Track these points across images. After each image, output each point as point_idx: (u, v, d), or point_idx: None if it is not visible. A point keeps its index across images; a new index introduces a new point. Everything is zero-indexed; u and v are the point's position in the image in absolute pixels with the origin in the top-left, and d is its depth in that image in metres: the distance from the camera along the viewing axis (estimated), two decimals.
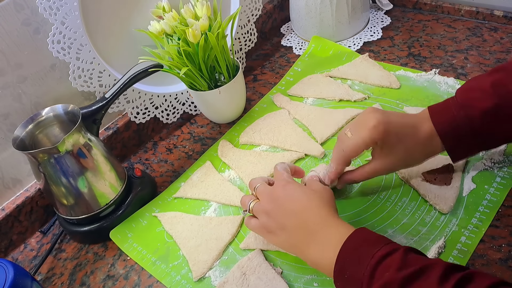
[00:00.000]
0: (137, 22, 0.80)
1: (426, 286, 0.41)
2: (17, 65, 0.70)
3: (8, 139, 0.71)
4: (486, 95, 0.54)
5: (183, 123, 0.91)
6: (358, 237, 0.49)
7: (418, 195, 0.65)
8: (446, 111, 0.56)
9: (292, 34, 1.07)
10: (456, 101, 0.56)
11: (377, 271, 0.44)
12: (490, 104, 0.54)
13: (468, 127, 0.55)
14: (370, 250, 0.46)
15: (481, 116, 0.54)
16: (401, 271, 0.43)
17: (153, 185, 0.78)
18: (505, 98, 0.53)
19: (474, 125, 0.55)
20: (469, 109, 0.55)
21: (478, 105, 0.54)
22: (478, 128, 0.55)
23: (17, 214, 0.74)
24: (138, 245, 0.69)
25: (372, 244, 0.47)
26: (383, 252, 0.45)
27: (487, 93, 0.54)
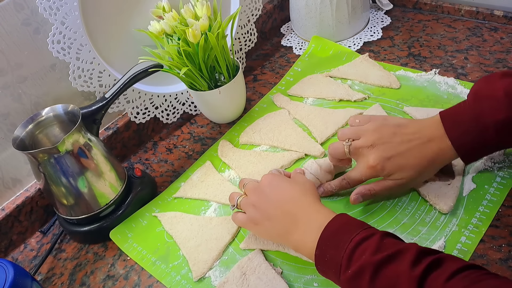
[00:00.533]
0: (137, 22, 0.80)
1: (399, 269, 0.43)
2: (17, 65, 0.70)
3: (8, 139, 0.71)
4: (500, 105, 0.53)
5: (183, 123, 0.91)
6: (339, 222, 0.51)
7: (418, 195, 0.65)
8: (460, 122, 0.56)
9: (292, 34, 1.07)
10: (469, 111, 0.56)
11: (354, 254, 0.47)
12: (503, 116, 0.53)
13: (481, 138, 0.55)
14: (348, 235, 0.48)
15: (495, 128, 0.54)
16: (375, 255, 0.45)
17: (153, 185, 0.78)
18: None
19: (487, 136, 0.55)
20: (482, 121, 0.54)
21: (492, 117, 0.54)
22: (492, 138, 0.55)
23: (17, 214, 0.74)
24: (138, 245, 0.69)
25: (351, 229, 0.49)
26: (360, 236, 0.47)
27: (501, 102, 0.53)
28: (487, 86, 0.56)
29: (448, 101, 0.77)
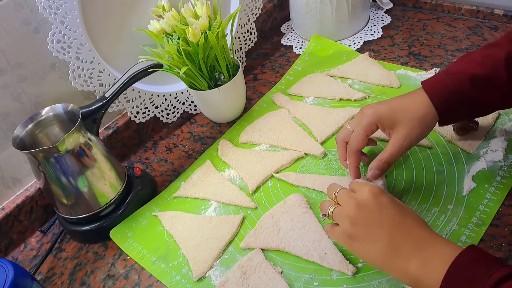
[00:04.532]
0: (137, 21, 0.80)
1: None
2: (17, 64, 0.70)
3: (8, 138, 0.71)
4: (476, 64, 0.58)
5: (183, 122, 0.91)
6: (472, 255, 0.46)
7: (418, 195, 0.65)
8: (437, 79, 0.60)
9: (292, 33, 1.07)
10: (447, 70, 0.60)
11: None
12: (479, 72, 0.57)
13: (457, 91, 0.58)
14: (486, 270, 0.43)
15: (470, 82, 0.57)
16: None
17: (153, 184, 0.78)
18: (494, 67, 0.57)
19: (464, 90, 0.58)
20: (459, 75, 0.58)
21: (468, 72, 0.58)
22: (467, 93, 0.58)
23: (17, 214, 0.74)
24: (138, 245, 0.69)
25: (488, 264, 0.44)
26: (503, 273, 0.42)
27: (477, 62, 0.58)
28: (468, 55, 0.61)
29: None
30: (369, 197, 0.52)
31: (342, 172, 0.71)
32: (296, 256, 0.61)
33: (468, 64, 0.58)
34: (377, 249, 0.50)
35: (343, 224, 0.53)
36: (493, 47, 0.59)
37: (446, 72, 0.60)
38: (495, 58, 0.57)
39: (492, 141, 0.68)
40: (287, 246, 0.62)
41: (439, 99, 0.58)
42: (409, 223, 0.50)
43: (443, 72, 0.60)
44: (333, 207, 0.55)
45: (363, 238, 0.51)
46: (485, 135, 0.69)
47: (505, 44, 0.57)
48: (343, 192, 0.55)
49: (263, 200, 0.71)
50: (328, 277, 0.58)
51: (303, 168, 0.74)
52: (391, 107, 0.61)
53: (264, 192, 0.72)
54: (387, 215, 0.51)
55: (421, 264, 0.47)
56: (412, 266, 0.47)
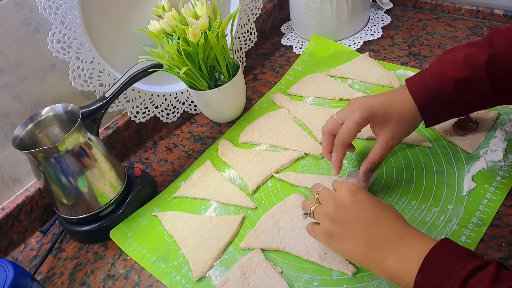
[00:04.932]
0: (137, 21, 0.80)
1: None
2: (17, 64, 0.70)
3: (8, 138, 0.71)
4: (458, 66, 0.58)
5: (183, 122, 0.91)
6: (445, 248, 0.47)
7: (418, 195, 0.65)
8: (421, 80, 0.61)
9: (292, 33, 1.07)
10: (431, 72, 0.61)
11: (467, 283, 0.42)
12: (461, 75, 0.58)
13: (441, 95, 0.59)
14: (458, 262, 0.44)
15: (454, 85, 0.58)
16: (495, 286, 0.41)
17: (153, 184, 0.78)
18: (475, 70, 0.58)
19: (447, 93, 0.59)
20: (442, 78, 0.59)
21: (451, 75, 0.58)
22: (450, 95, 0.59)
23: (17, 214, 0.74)
24: (138, 245, 0.69)
25: (461, 256, 0.45)
26: (474, 265, 0.43)
27: (460, 64, 0.58)
28: (449, 54, 0.61)
29: None
30: (347, 196, 0.54)
31: (342, 172, 0.71)
32: (296, 256, 0.61)
33: (450, 66, 0.59)
34: (356, 246, 0.52)
35: (323, 223, 0.55)
36: (475, 46, 0.59)
37: (429, 73, 0.60)
38: (477, 60, 0.58)
39: (492, 141, 0.68)
40: (287, 246, 0.62)
41: (424, 102, 0.60)
42: (385, 219, 0.52)
43: (427, 72, 0.61)
44: (314, 206, 0.57)
45: (342, 236, 0.53)
46: (485, 135, 0.69)
47: (486, 45, 0.58)
48: (324, 191, 0.57)
49: (263, 200, 0.71)
50: (328, 277, 0.58)
51: (303, 168, 0.74)
52: (383, 105, 0.61)
53: (264, 192, 0.72)
54: (364, 212, 0.53)
55: (397, 259, 0.49)
56: (388, 262, 0.49)
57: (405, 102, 0.61)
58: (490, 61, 0.57)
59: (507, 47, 0.57)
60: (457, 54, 0.60)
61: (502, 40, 0.58)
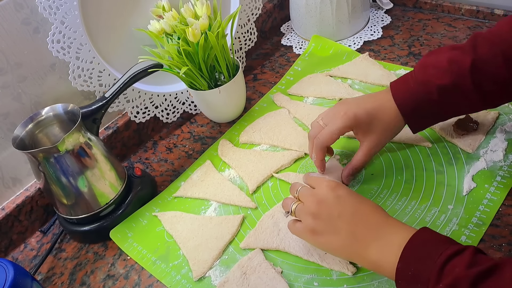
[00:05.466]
0: (137, 22, 0.80)
1: (500, 283, 0.41)
2: (17, 64, 0.70)
3: (8, 138, 0.71)
4: (442, 72, 0.58)
5: (183, 122, 0.91)
6: (424, 236, 0.49)
7: (418, 195, 0.65)
8: (406, 87, 0.61)
9: (292, 33, 1.07)
10: (415, 78, 0.61)
11: (445, 268, 0.44)
12: (445, 82, 0.58)
13: (426, 102, 0.60)
14: (437, 248, 0.46)
15: (438, 92, 0.59)
16: (471, 268, 0.43)
17: (153, 184, 0.78)
18: (459, 76, 0.58)
19: (432, 100, 0.59)
20: (427, 85, 0.59)
21: (436, 82, 0.59)
22: (435, 102, 0.59)
23: (17, 214, 0.74)
24: (138, 245, 0.69)
25: (439, 243, 0.47)
26: (451, 250, 0.45)
27: (443, 70, 0.58)
28: (432, 57, 0.61)
29: None
30: (328, 192, 0.55)
31: None
32: (296, 256, 0.61)
33: (434, 72, 0.59)
34: (340, 240, 0.53)
35: (305, 220, 0.56)
36: (458, 50, 0.59)
37: (413, 79, 0.61)
38: (461, 66, 0.58)
39: (492, 141, 0.68)
40: (287, 246, 0.62)
41: (409, 110, 0.61)
42: (366, 212, 0.53)
43: (411, 78, 0.61)
44: (296, 204, 0.58)
45: (325, 231, 0.54)
46: (485, 135, 0.69)
47: (470, 50, 0.58)
48: (304, 189, 0.58)
49: (263, 200, 0.71)
50: (328, 277, 0.58)
51: (303, 168, 0.74)
52: (368, 114, 0.62)
53: (264, 192, 0.72)
54: (345, 206, 0.54)
55: (379, 250, 0.50)
56: (371, 252, 0.51)
57: (390, 110, 0.62)
58: (474, 67, 0.57)
59: (490, 53, 0.57)
60: (441, 58, 0.59)
61: (486, 45, 0.58)
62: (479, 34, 0.59)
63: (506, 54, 0.56)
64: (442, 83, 0.58)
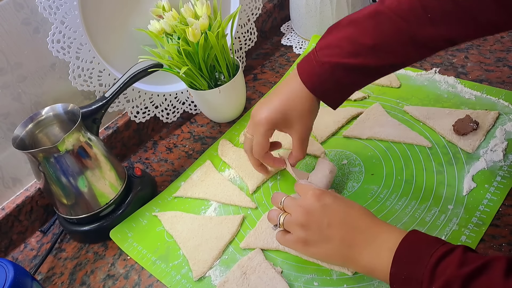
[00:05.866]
0: (137, 21, 0.80)
1: (491, 280, 0.42)
2: (17, 64, 0.70)
3: (8, 138, 0.71)
4: (344, 52, 0.58)
5: (183, 122, 0.91)
6: (413, 239, 0.49)
7: (418, 195, 0.65)
8: (312, 70, 0.61)
9: (292, 33, 1.07)
10: (319, 58, 0.60)
11: (437, 269, 0.44)
12: (349, 61, 0.58)
13: (334, 81, 0.60)
14: (428, 250, 0.46)
15: (343, 70, 0.59)
16: (462, 268, 0.43)
17: (153, 184, 0.78)
18: (361, 55, 0.57)
19: (339, 78, 0.59)
20: (331, 65, 0.59)
21: (339, 61, 0.58)
22: (343, 79, 0.59)
23: (17, 214, 0.74)
24: (138, 245, 0.69)
25: (429, 244, 0.47)
26: (441, 251, 0.45)
27: (345, 50, 0.58)
28: (331, 36, 0.60)
29: (448, 100, 0.77)
30: (313, 201, 0.55)
31: (342, 172, 0.71)
32: (296, 256, 0.61)
33: (337, 52, 0.59)
34: (332, 248, 0.53)
35: (296, 232, 0.56)
36: (353, 25, 0.58)
37: (318, 60, 0.60)
38: (363, 46, 0.57)
39: (492, 141, 0.68)
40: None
41: (319, 90, 0.61)
42: (355, 217, 0.54)
43: (315, 59, 0.60)
44: (283, 216, 0.57)
45: (317, 241, 0.54)
46: (485, 135, 0.69)
47: (371, 31, 0.57)
48: (289, 200, 0.58)
49: (263, 200, 0.71)
50: (328, 277, 0.58)
51: (303, 168, 0.74)
52: (280, 112, 0.63)
53: (264, 192, 0.72)
54: (333, 214, 0.54)
55: (372, 255, 0.51)
56: (364, 258, 0.51)
57: (300, 97, 0.62)
58: (377, 46, 0.57)
59: (392, 30, 0.56)
60: (342, 34, 0.59)
61: (386, 24, 0.56)
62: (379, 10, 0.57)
63: (410, 34, 0.55)
64: (345, 61, 0.58)
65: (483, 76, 0.80)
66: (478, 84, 0.78)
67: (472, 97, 0.76)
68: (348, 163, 0.72)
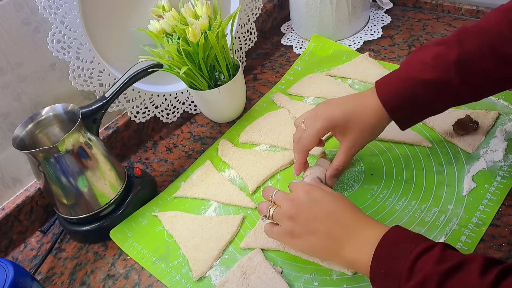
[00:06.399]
0: (137, 21, 0.80)
1: (467, 278, 0.42)
2: (17, 64, 0.70)
3: (8, 138, 0.71)
4: (427, 67, 0.58)
5: (183, 122, 0.91)
6: (395, 234, 0.50)
7: (418, 194, 0.65)
8: (390, 84, 0.61)
9: (292, 33, 1.07)
10: (400, 74, 0.60)
11: (416, 265, 0.45)
12: (430, 76, 0.57)
13: (411, 97, 0.59)
14: (408, 246, 0.47)
15: (423, 87, 0.58)
16: (440, 265, 0.44)
17: (153, 184, 0.78)
18: (445, 71, 0.57)
19: (416, 95, 0.59)
20: (411, 80, 0.59)
21: (420, 77, 0.58)
22: (420, 97, 0.59)
23: (17, 214, 0.74)
24: (138, 245, 0.69)
25: (409, 241, 0.48)
26: (421, 247, 0.46)
27: (428, 65, 0.58)
28: (417, 54, 0.60)
29: None
30: (303, 195, 0.56)
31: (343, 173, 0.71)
32: (296, 256, 0.61)
33: (420, 68, 0.58)
34: (317, 241, 0.55)
35: (284, 224, 0.57)
36: (443, 45, 0.58)
37: (398, 76, 0.60)
38: (446, 61, 0.57)
39: (492, 141, 0.68)
40: (287, 246, 0.62)
41: (394, 107, 0.60)
42: (341, 212, 0.55)
43: (396, 75, 0.61)
44: (273, 208, 0.58)
45: (303, 234, 0.55)
46: (485, 135, 0.69)
47: (455, 44, 0.57)
48: (280, 194, 0.59)
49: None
50: (328, 277, 0.58)
51: None
52: (344, 114, 0.62)
53: None
54: (320, 208, 0.55)
55: (354, 249, 0.52)
56: (347, 251, 0.52)
57: (371, 109, 0.62)
58: (459, 61, 0.56)
59: (476, 46, 0.56)
60: (426, 53, 0.59)
61: (471, 38, 0.57)
62: (465, 28, 0.59)
63: (493, 47, 0.56)
64: (427, 77, 0.58)
65: None
66: None
67: None
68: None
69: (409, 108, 0.60)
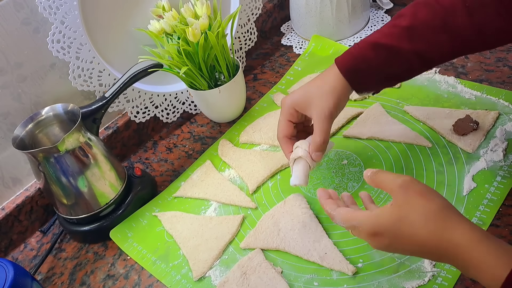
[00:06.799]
0: (137, 21, 0.80)
1: None
2: (17, 64, 0.70)
3: (8, 138, 0.71)
4: (381, 34, 0.60)
5: (183, 122, 0.91)
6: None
7: None
8: (347, 51, 0.62)
9: (292, 33, 1.07)
10: (357, 43, 0.62)
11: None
12: (382, 40, 0.59)
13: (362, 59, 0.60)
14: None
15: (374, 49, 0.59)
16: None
17: (153, 184, 0.78)
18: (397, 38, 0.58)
19: (368, 58, 0.60)
20: (364, 44, 0.61)
21: (371, 40, 0.60)
22: (372, 60, 0.60)
23: (17, 214, 0.74)
24: (138, 245, 0.69)
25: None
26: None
27: (383, 32, 0.60)
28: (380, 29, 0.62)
29: (448, 100, 0.77)
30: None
31: (342, 172, 0.71)
32: (296, 256, 0.61)
33: (375, 35, 0.61)
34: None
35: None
36: (400, 18, 0.60)
37: (356, 44, 0.62)
38: (399, 27, 0.59)
39: (492, 141, 0.68)
40: (287, 246, 0.62)
41: (347, 68, 0.61)
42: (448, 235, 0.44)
43: (354, 45, 0.63)
44: None
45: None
46: (485, 135, 0.69)
47: (409, 15, 0.59)
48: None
49: (263, 200, 0.71)
50: (328, 277, 0.58)
51: None
52: (304, 90, 0.64)
53: (264, 192, 0.72)
54: (397, 248, 0.48)
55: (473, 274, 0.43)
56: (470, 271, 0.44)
57: (328, 76, 0.62)
58: (411, 27, 0.58)
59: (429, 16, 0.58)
60: (385, 25, 0.61)
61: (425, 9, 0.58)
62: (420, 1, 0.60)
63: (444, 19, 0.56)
64: (378, 41, 0.59)
65: (483, 76, 0.80)
66: (478, 84, 0.78)
67: (472, 97, 0.76)
68: (348, 163, 0.72)
69: (362, 70, 0.61)
